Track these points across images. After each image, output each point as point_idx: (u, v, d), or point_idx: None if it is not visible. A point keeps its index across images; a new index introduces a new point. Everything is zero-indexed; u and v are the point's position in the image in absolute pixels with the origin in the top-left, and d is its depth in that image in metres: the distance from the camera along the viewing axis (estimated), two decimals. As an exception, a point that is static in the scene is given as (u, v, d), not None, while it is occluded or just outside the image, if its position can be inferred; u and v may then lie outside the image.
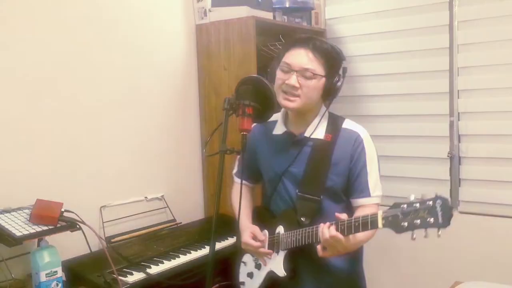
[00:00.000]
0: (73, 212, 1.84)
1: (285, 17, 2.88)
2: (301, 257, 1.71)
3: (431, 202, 1.31)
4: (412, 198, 1.36)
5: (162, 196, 2.55)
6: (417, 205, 1.33)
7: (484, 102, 2.71)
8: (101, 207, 2.25)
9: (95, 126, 2.24)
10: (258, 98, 1.54)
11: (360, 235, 1.53)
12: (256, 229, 1.76)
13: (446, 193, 2.52)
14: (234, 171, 1.98)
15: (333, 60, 1.67)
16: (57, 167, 2.09)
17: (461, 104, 2.78)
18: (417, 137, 2.94)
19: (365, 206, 1.66)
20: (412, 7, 2.90)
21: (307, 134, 1.71)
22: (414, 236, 1.33)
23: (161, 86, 2.57)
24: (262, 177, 1.89)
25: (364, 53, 3.10)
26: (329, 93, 1.67)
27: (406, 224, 1.33)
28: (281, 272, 1.68)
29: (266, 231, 1.76)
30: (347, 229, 1.47)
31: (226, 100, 1.54)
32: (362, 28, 3.09)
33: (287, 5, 2.85)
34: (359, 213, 1.63)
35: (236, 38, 2.58)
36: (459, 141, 2.81)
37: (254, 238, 1.73)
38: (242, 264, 1.88)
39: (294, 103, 1.64)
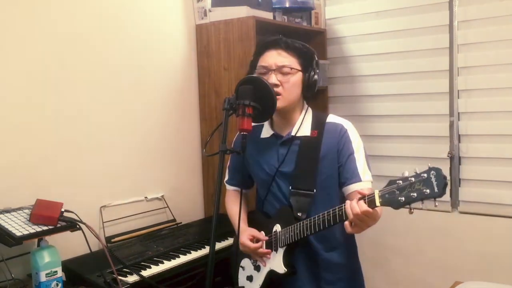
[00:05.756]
0: (73, 212, 1.84)
1: (285, 17, 2.88)
2: (299, 254, 1.72)
3: (425, 174, 1.31)
4: (406, 174, 1.37)
5: (162, 196, 2.56)
6: (412, 179, 1.33)
7: (484, 102, 2.71)
8: (101, 207, 2.25)
9: (95, 125, 2.24)
10: (258, 98, 1.55)
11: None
12: (254, 231, 1.77)
13: (446, 193, 2.53)
14: (226, 179, 1.99)
15: (305, 55, 1.72)
16: (57, 167, 2.09)
17: (461, 104, 2.78)
18: (417, 137, 2.94)
19: (359, 191, 1.63)
20: (412, 7, 2.90)
21: (293, 133, 1.74)
22: (412, 210, 1.34)
23: (161, 86, 2.57)
24: (254, 182, 1.91)
25: (364, 53, 3.10)
26: (308, 87, 1.72)
27: (403, 198, 1.34)
28: (281, 269, 1.68)
29: (262, 232, 1.77)
30: (369, 203, 1.43)
31: (226, 100, 1.55)
32: (362, 28, 3.09)
33: (287, 5, 2.85)
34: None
35: (236, 38, 2.58)
36: (459, 141, 2.81)
37: (252, 239, 1.74)
38: (240, 269, 1.88)
39: (278, 102, 1.64)
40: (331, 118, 1.77)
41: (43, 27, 2.04)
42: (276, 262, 1.70)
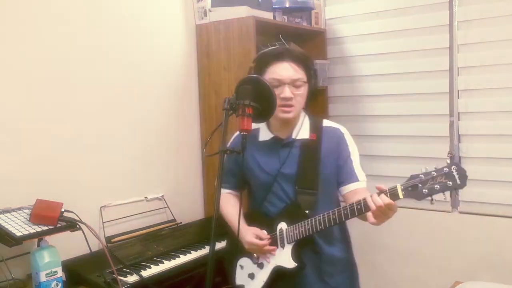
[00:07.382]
0: (73, 212, 1.85)
1: (285, 17, 2.88)
2: (304, 249, 1.76)
3: (447, 169, 1.46)
4: (423, 170, 1.50)
5: (162, 196, 2.56)
6: (434, 173, 1.47)
7: (484, 102, 2.71)
8: (101, 207, 2.25)
9: (95, 126, 2.24)
10: (258, 98, 1.56)
11: None
12: (256, 230, 1.80)
13: (446, 193, 2.54)
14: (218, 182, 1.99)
15: (308, 66, 1.80)
16: (57, 167, 2.09)
17: (461, 104, 2.78)
18: (417, 137, 2.94)
19: (356, 191, 1.76)
20: (412, 7, 2.90)
21: (294, 136, 1.81)
22: (434, 201, 1.48)
23: (161, 86, 2.57)
24: (249, 183, 1.92)
25: (364, 53, 3.10)
26: (311, 96, 1.81)
27: (426, 190, 1.47)
28: (291, 264, 1.73)
29: (264, 231, 1.80)
30: (391, 196, 1.52)
31: (226, 100, 1.56)
32: (362, 28, 3.09)
33: (287, 5, 2.85)
34: (351, 199, 1.71)
35: (236, 38, 2.58)
36: (459, 141, 2.81)
37: (257, 237, 1.78)
38: (238, 268, 1.89)
39: (291, 114, 1.75)
40: (327, 123, 1.86)
41: (42, 27, 2.04)
42: (284, 258, 1.75)
